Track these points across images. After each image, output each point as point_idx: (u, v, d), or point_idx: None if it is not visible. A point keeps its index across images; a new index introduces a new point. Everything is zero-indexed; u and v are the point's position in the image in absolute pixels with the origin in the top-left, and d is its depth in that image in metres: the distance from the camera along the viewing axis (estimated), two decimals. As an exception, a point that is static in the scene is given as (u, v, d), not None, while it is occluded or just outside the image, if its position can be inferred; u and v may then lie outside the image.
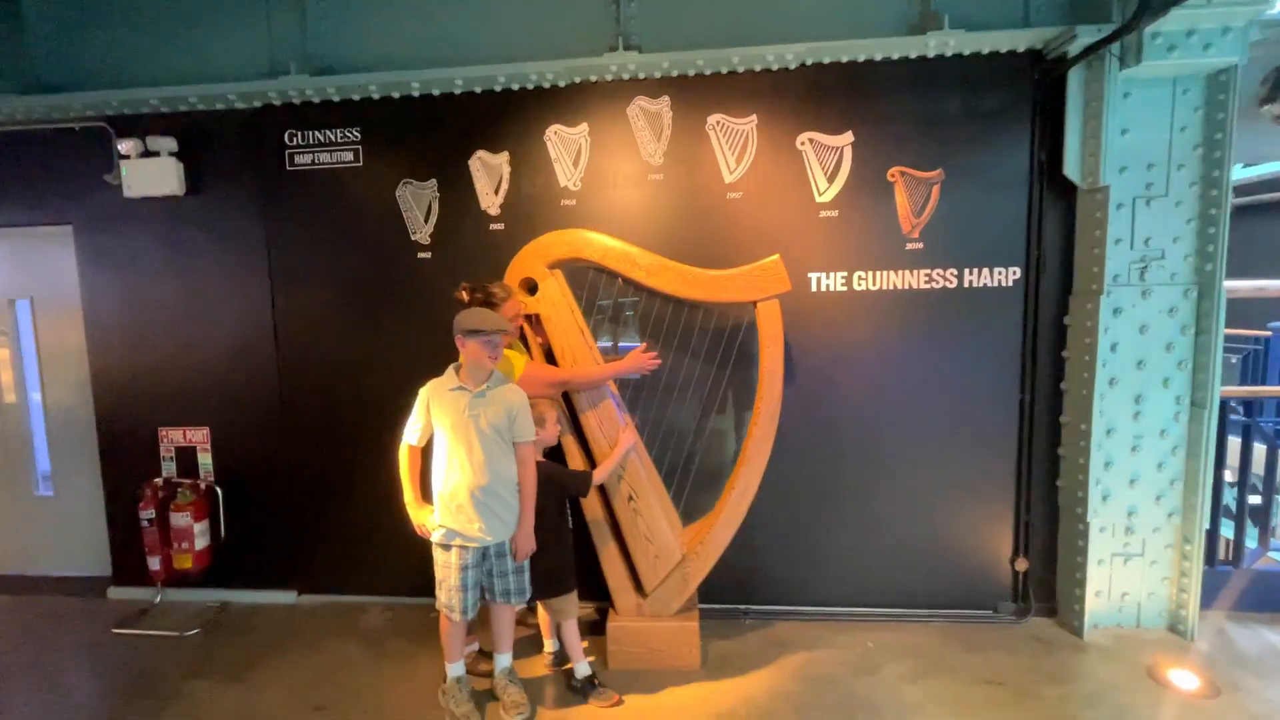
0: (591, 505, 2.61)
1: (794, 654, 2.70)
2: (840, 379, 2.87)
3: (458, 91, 2.86)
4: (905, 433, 2.87)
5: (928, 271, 2.77)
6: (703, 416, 2.82)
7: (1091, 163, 2.52)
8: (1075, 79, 2.53)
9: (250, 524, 3.23)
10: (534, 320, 2.64)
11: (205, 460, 3.25)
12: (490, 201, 2.92)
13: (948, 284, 2.77)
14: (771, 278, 2.44)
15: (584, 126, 2.84)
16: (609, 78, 2.78)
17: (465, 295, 2.35)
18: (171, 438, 3.24)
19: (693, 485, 2.75)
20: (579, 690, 2.40)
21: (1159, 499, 2.68)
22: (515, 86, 2.83)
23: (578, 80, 2.80)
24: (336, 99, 2.91)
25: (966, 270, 2.76)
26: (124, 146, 2.98)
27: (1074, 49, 2.45)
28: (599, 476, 2.46)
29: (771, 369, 2.50)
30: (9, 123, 3.08)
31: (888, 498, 2.91)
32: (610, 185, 2.86)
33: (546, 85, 2.81)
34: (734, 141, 2.79)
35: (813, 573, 2.99)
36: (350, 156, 2.97)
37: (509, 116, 2.87)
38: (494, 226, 2.92)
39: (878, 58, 2.66)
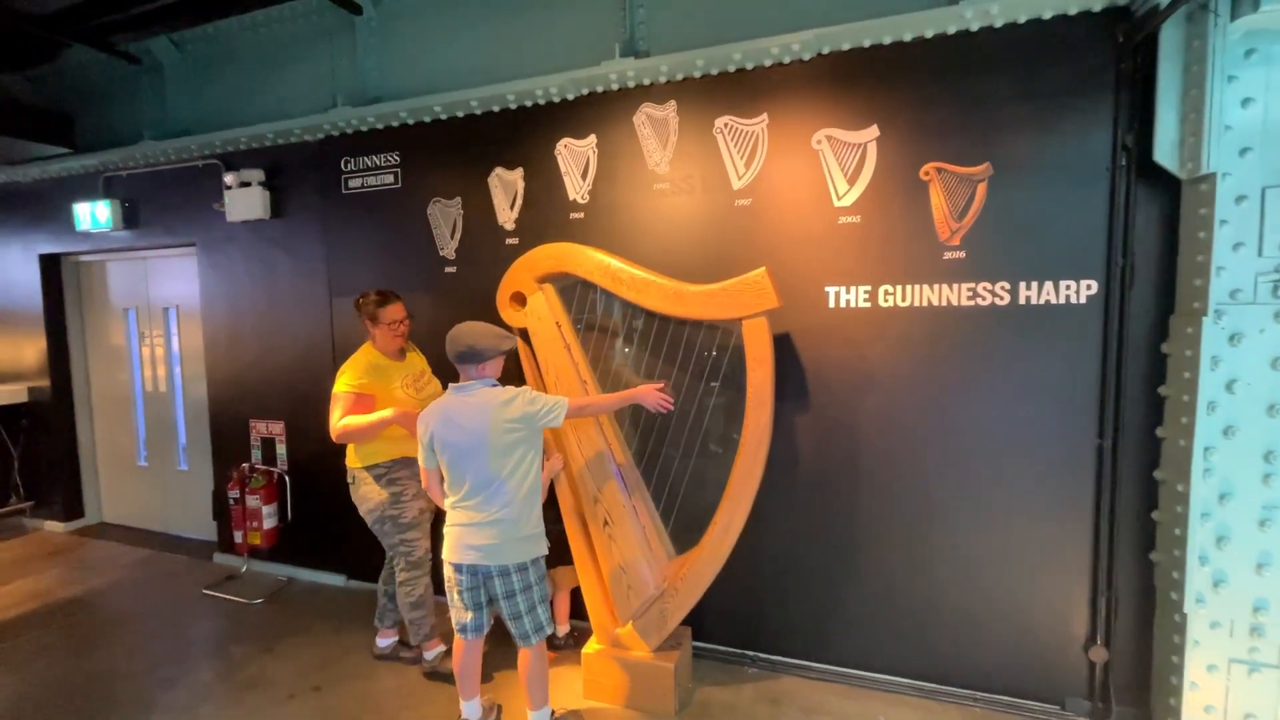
0: (571, 521, 2.53)
1: (788, 713, 2.39)
2: (862, 409, 2.50)
3: (478, 112, 2.97)
4: (942, 476, 2.42)
5: (971, 285, 2.32)
6: (705, 441, 2.62)
7: (1193, 144, 1.94)
8: (1170, 38, 1.96)
9: (312, 510, 3.61)
10: (527, 336, 2.63)
11: (281, 450, 3.69)
12: (506, 216, 2.98)
13: (998, 300, 2.30)
14: (756, 292, 2.19)
15: (592, 138, 2.80)
16: (614, 87, 2.70)
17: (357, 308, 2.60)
18: (258, 429, 3.73)
19: (694, 515, 2.55)
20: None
21: (1303, 594, 1.97)
22: (528, 103, 2.86)
23: (585, 92, 2.76)
24: (380, 126, 3.17)
25: (1022, 284, 2.26)
26: (228, 179, 3.51)
27: None
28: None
29: (758, 394, 2.24)
30: (153, 163, 3.78)
31: (920, 551, 2.47)
32: (615, 196, 2.78)
33: (556, 100, 2.81)
34: (742, 144, 2.57)
35: (830, 626, 2.62)
36: (391, 179, 3.21)
37: (523, 133, 2.91)
38: (509, 241, 2.98)
39: (907, 38, 2.29)
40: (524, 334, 2.63)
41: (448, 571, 2.11)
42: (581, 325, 2.66)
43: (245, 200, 3.48)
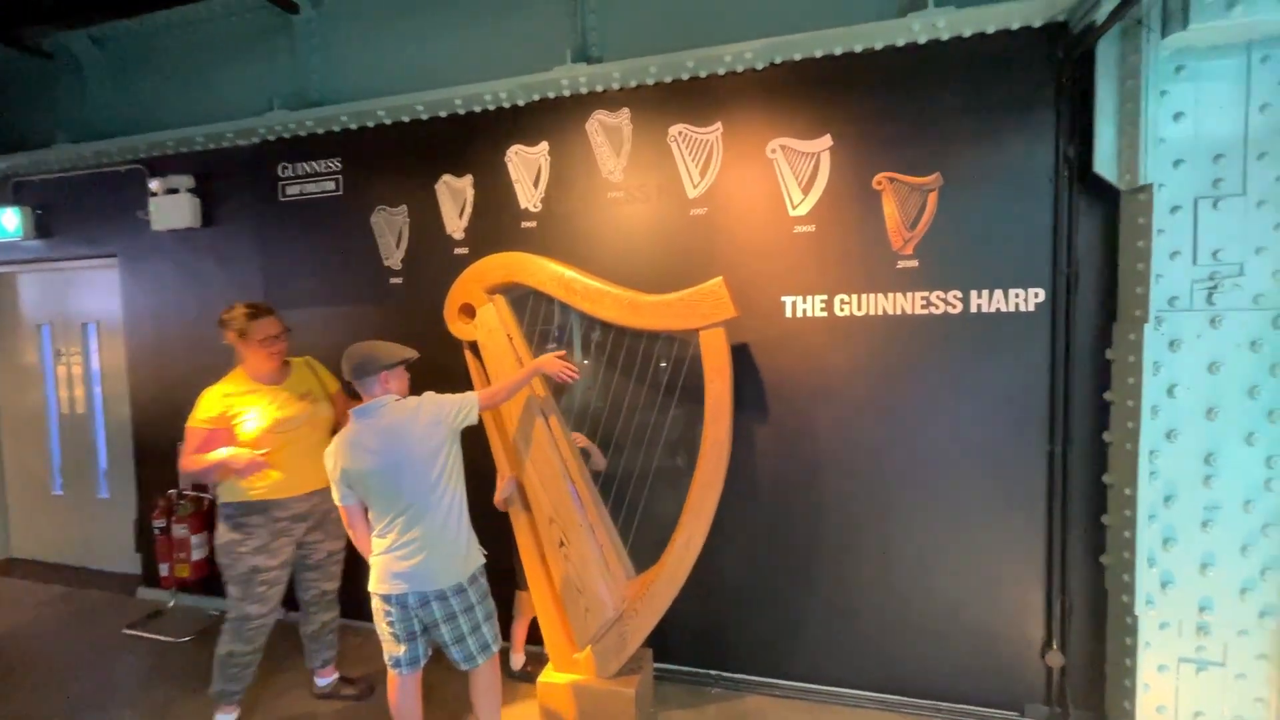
0: (525, 543, 2.42)
1: (752, 737, 2.32)
2: (820, 419, 2.48)
3: (424, 117, 2.85)
4: (899, 486, 2.42)
5: (924, 294, 2.33)
6: (664, 454, 2.55)
7: (1130, 156, 2.00)
8: (1106, 53, 2.02)
9: (247, 538, 3.36)
10: (477, 350, 2.52)
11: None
12: (455, 226, 2.87)
13: (950, 309, 2.31)
14: (713, 302, 2.14)
15: (543, 145, 2.72)
16: (566, 93, 2.64)
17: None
18: (187, 452, 3.47)
19: (654, 531, 2.47)
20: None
21: (1244, 593, 2.02)
22: (477, 109, 2.77)
23: (536, 98, 2.69)
24: (320, 131, 3.02)
25: (974, 292, 2.29)
26: (153, 185, 3.28)
27: (1100, 15, 1.96)
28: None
29: (717, 405, 2.19)
30: (69, 168, 3.51)
31: (881, 561, 2.46)
32: (569, 205, 2.70)
33: (506, 105, 2.73)
34: (697, 153, 2.53)
35: (793, 641, 2.58)
36: (332, 186, 3.06)
37: (472, 139, 2.82)
38: (458, 251, 2.86)
39: (857, 49, 2.31)
40: (474, 347, 2.51)
41: (376, 603, 1.97)
42: (535, 337, 2.56)
43: (172, 208, 3.25)
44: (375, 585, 1.96)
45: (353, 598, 2.52)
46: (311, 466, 2.29)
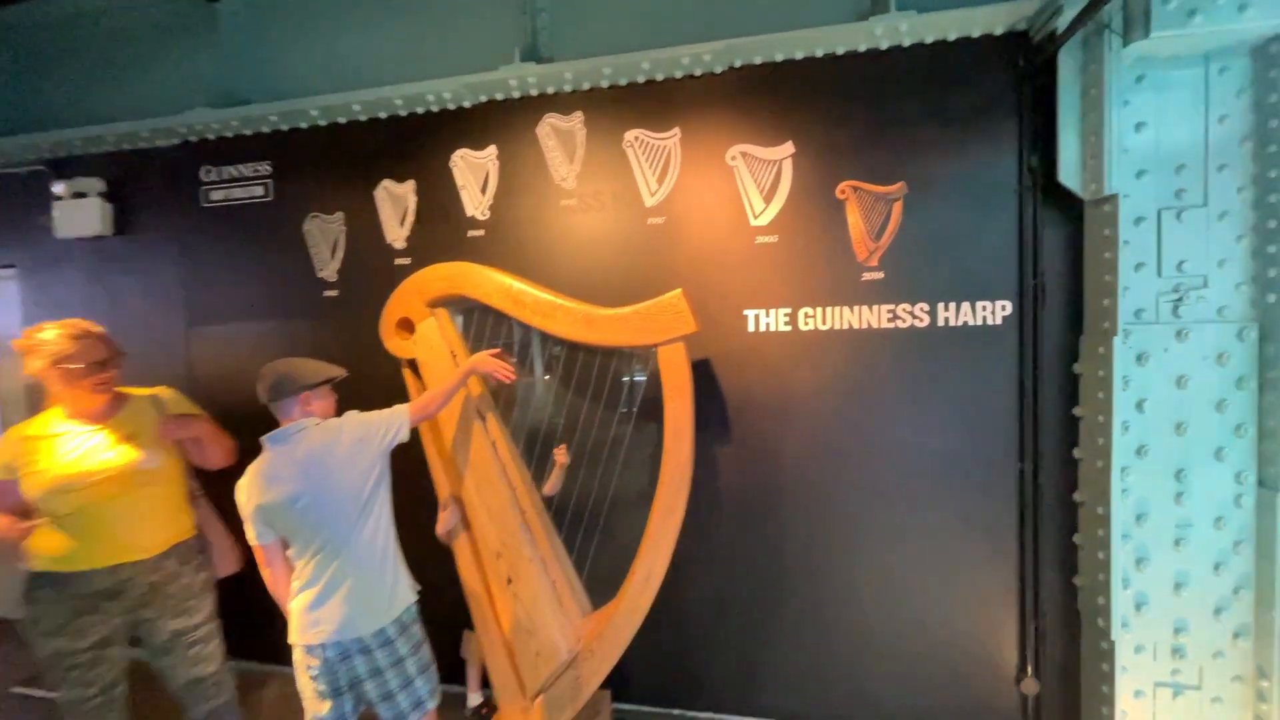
0: (470, 579, 2.21)
1: (718, 786, 2.15)
2: (785, 437, 2.35)
3: (362, 118, 2.65)
4: (868, 508, 2.31)
5: (890, 307, 2.24)
6: (622, 479, 2.37)
7: (1094, 166, 1.95)
8: (1068, 62, 1.98)
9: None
10: (416, 368, 2.31)
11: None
12: (396, 234, 2.66)
13: (917, 322, 2.23)
14: (672, 316, 2.00)
15: (491, 150, 2.55)
16: (515, 95, 2.48)
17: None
18: (94, 483, 3.12)
19: (613, 561, 2.29)
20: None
21: (1219, 613, 1.96)
22: (420, 110, 2.58)
23: (483, 99, 2.52)
24: (248, 132, 2.78)
25: (940, 305, 2.21)
26: (58, 189, 2.96)
27: (1062, 22, 1.92)
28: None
29: (677, 426, 2.04)
30: (-39, 169, 3.16)
31: (849, 587, 2.33)
32: (519, 213, 2.53)
33: (451, 107, 2.55)
34: (654, 159, 2.40)
35: (760, 675, 2.42)
36: (261, 191, 2.81)
37: (414, 142, 2.62)
38: (399, 261, 2.65)
39: (818, 54, 2.23)
40: (413, 365, 2.30)
41: (297, 654, 1.73)
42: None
43: (80, 214, 2.95)
44: (293, 635, 1.73)
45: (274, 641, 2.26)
46: (129, 531, 1.87)
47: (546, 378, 2.47)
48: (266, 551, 1.80)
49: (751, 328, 2.35)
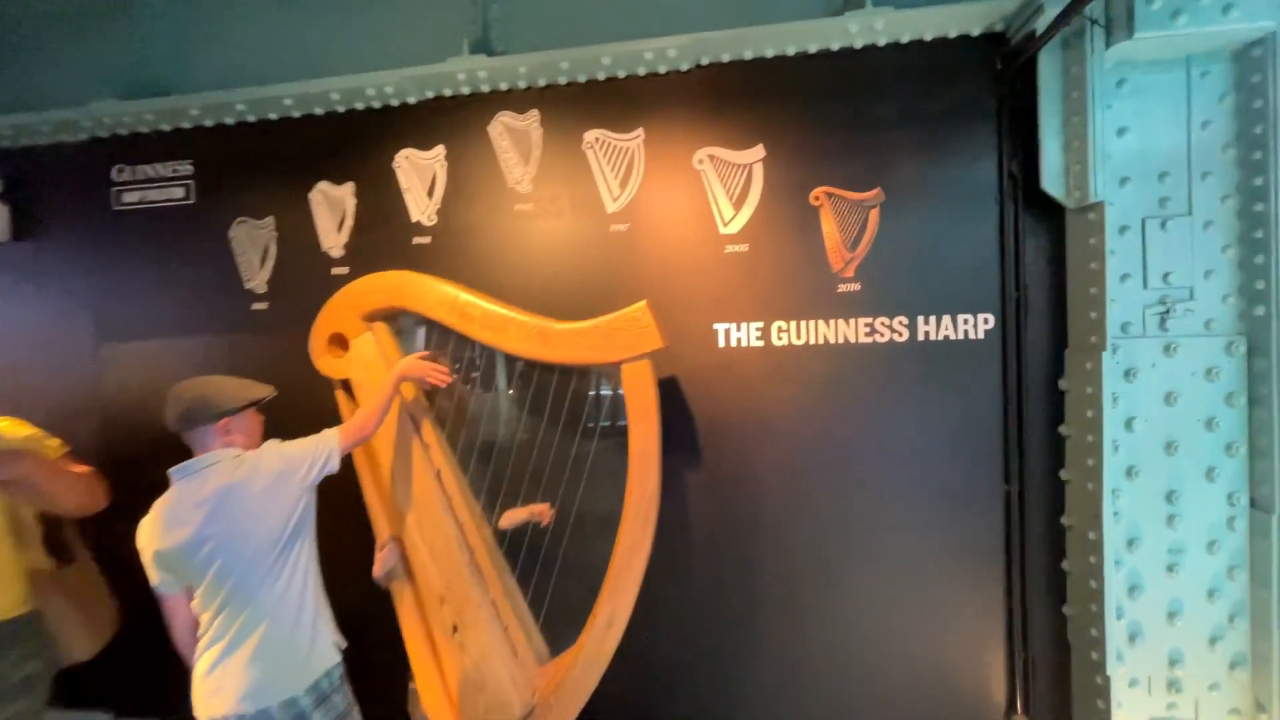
0: (411, 628, 1.96)
1: None
2: (759, 461, 2.19)
3: (296, 114, 2.41)
4: (847, 533, 2.15)
5: (869, 321, 2.11)
6: (583, 511, 2.16)
7: (1079, 172, 1.86)
8: (1049, 63, 1.89)
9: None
10: (350, 389, 2.07)
11: (19, 548, 2.73)
12: (333, 241, 2.42)
13: (896, 336, 2.10)
14: (636, 331, 1.82)
15: (439, 150, 2.34)
16: (464, 90, 2.29)
17: None
18: (-15, 521, 2.75)
19: (574, 600, 2.07)
20: None
21: (1214, 642, 1.86)
22: (359, 105, 2.36)
23: (429, 95, 2.32)
24: (167, 128, 2.50)
25: (920, 318, 2.08)
26: (-53, 188, 2.63)
27: (1042, 23, 1.83)
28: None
29: (642, 453, 1.85)
30: None
31: (829, 621, 2.17)
32: (469, 218, 2.32)
33: (394, 102, 2.34)
34: (617, 162, 2.23)
35: (733, 712, 2.23)
36: (181, 193, 2.53)
37: (354, 141, 2.40)
38: (336, 271, 2.41)
39: (790, 52, 2.10)
40: (347, 386, 2.06)
41: None
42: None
43: (-30, 216, 2.62)
44: (204, 708, 1.47)
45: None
46: None
47: (501, 393, 2.25)
48: (169, 603, 1.55)
49: (722, 343, 2.19)
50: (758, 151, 2.15)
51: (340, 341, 2.05)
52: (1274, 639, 1.78)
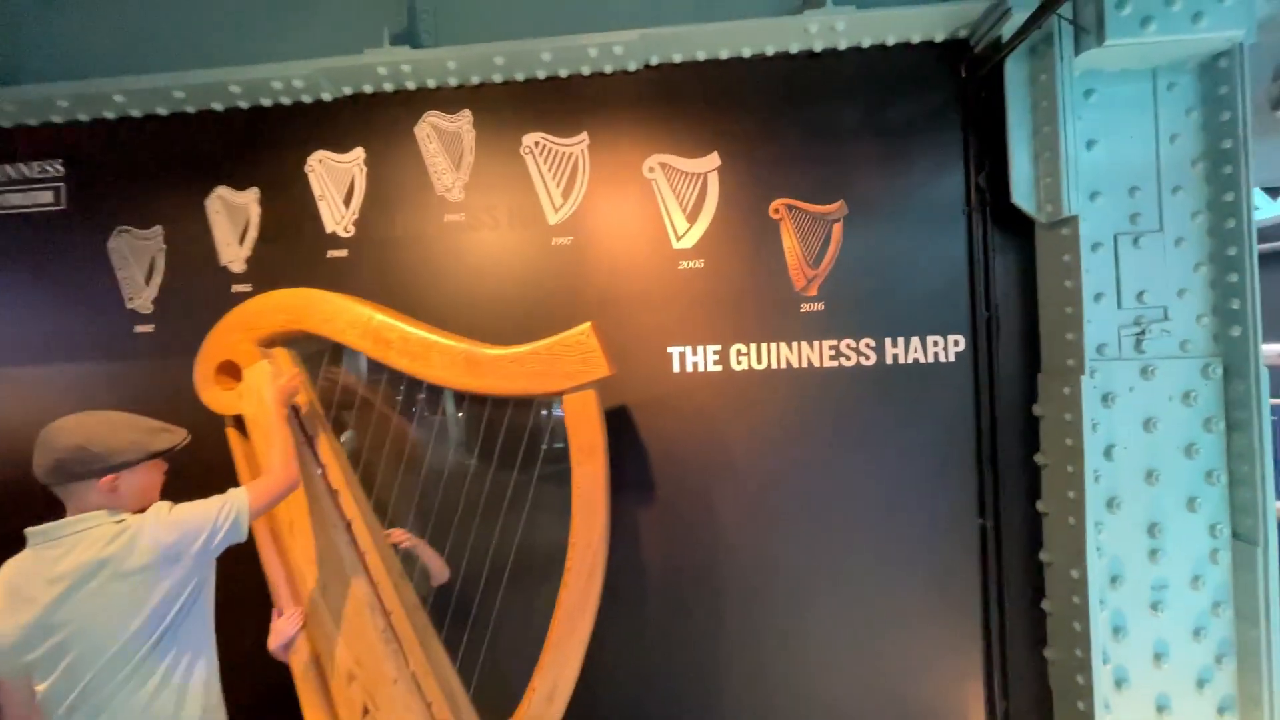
0: (312, 709, 1.65)
1: None
2: (718, 496, 1.98)
3: (190, 110, 2.11)
4: (815, 574, 1.96)
5: (834, 343, 1.94)
6: (525, 561, 1.90)
7: (1050, 185, 1.75)
8: (1016, 71, 1.79)
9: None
10: (243, 426, 1.76)
11: None
12: (234, 254, 2.11)
13: (863, 359, 1.94)
14: (579, 356, 1.59)
15: (358, 153, 2.08)
16: (387, 87, 2.04)
17: None
18: None
19: (514, 663, 1.80)
20: None
21: (1202, 685, 1.74)
22: (265, 101, 2.08)
23: (347, 92, 2.06)
24: (33, 122, 2.15)
25: (888, 340, 1.93)
26: None
27: (1008, 29, 1.73)
28: None
29: (587, 497, 1.61)
30: None
31: (796, 669, 1.96)
32: (392, 230, 2.07)
33: (306, 99, 2.07)
34: (559, 169, 2.02)
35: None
36: (49, 197, 2.18)
37: (259, 141, 2.11)
38: (237, 288, 2.10)
39: (746, 53, 1.94)
40: (239, 423, 1.76)
41: None
42: (333, 408, 1.86)
43: None
44: None
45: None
46: None
47: (428, 425, 1.97)
48: (5, 698, 1.22)
49: (677, 368, 1.98)
50: (713, 160, 1.98)
51: (232, 370, 1.74)
52: (1263, 681, 1.68)
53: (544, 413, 1.94)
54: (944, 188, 1.93)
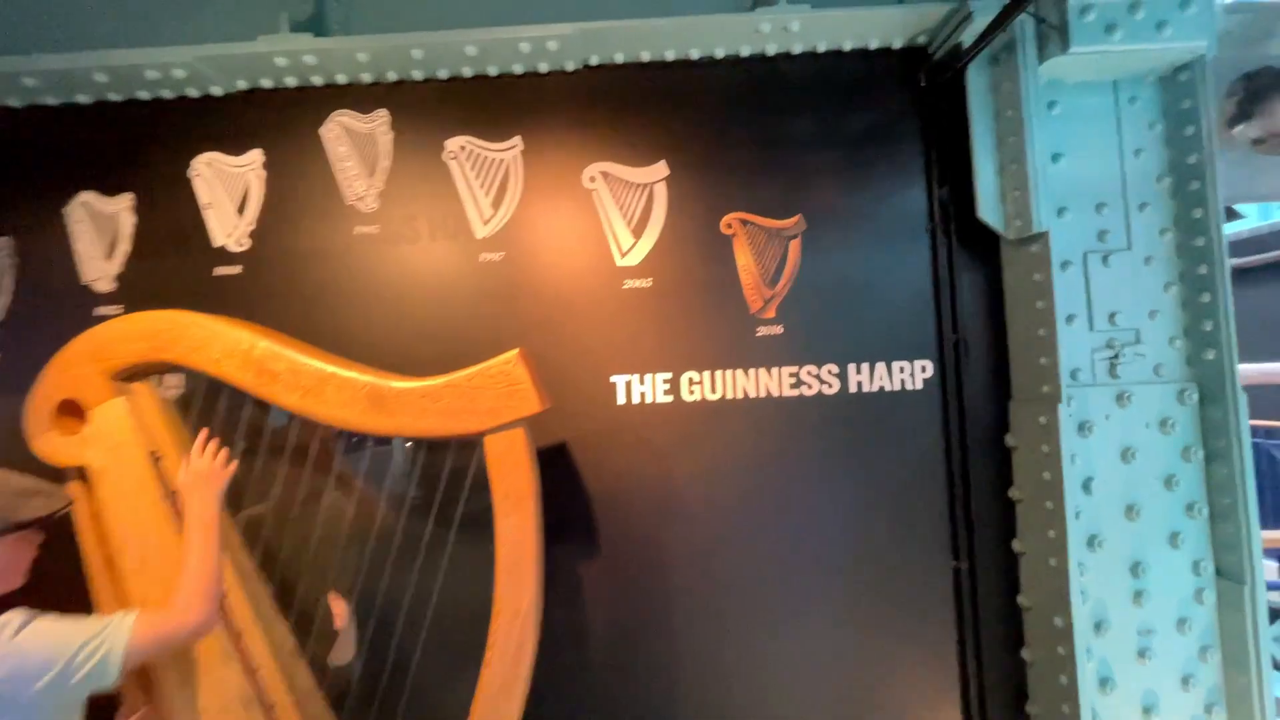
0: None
1: None
2: (670, 543, 1.76)
3: (49, 101, 1.80)
4: (780, 627, 1.76)
5: (794, 370, 1.77)
6: (441, 634, 1.62)
7: (1018, 198, 1.63)
8: (978, 79, 1.69)
9: None
10: (87, 478, 1.44)
11: None
12: (100, 270, 1.80)
13: (826, 388, 1.77)
14: (503, 389, 1.36)
15: (255, 155, 1.81)
16: (289, 81, 1.79)
17: None
18: None
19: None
20: None
21: (1193, 739, 1.61)
22: (143, 94, 1.79)
23: (243, 85, 1.80)
24: None
25: (851, 366, 1.77)
26: None
27: (969, 35, 1.62)
28: None
29: (514, 556, 1.36)
30: None
31: (762, 746, 1.74)
32: (294, 243, 1.80)
33: (193, 93, 1.80)
34: (488, 177, 1.80)
35: None
36: None
37: (133, 139, 1.82)
38: (104, 310, 1.78)
39: (694, 55, 1.78)
40: (84, 476, 1.43)
41: None
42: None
43: None
44: None
45: None
46: None
47: (329, 468, 1.69)
48: None
49: (622, 399, 1.77)
50: (660, 169, 1.80)
51: (74, 411, 1.43)
52: (1256, 733, 1.55)
53: (438, 485, 1.68)
54: (905, 203, 1.80)
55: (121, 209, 1.80)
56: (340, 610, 1.52)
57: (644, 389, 1.77)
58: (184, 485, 1.31)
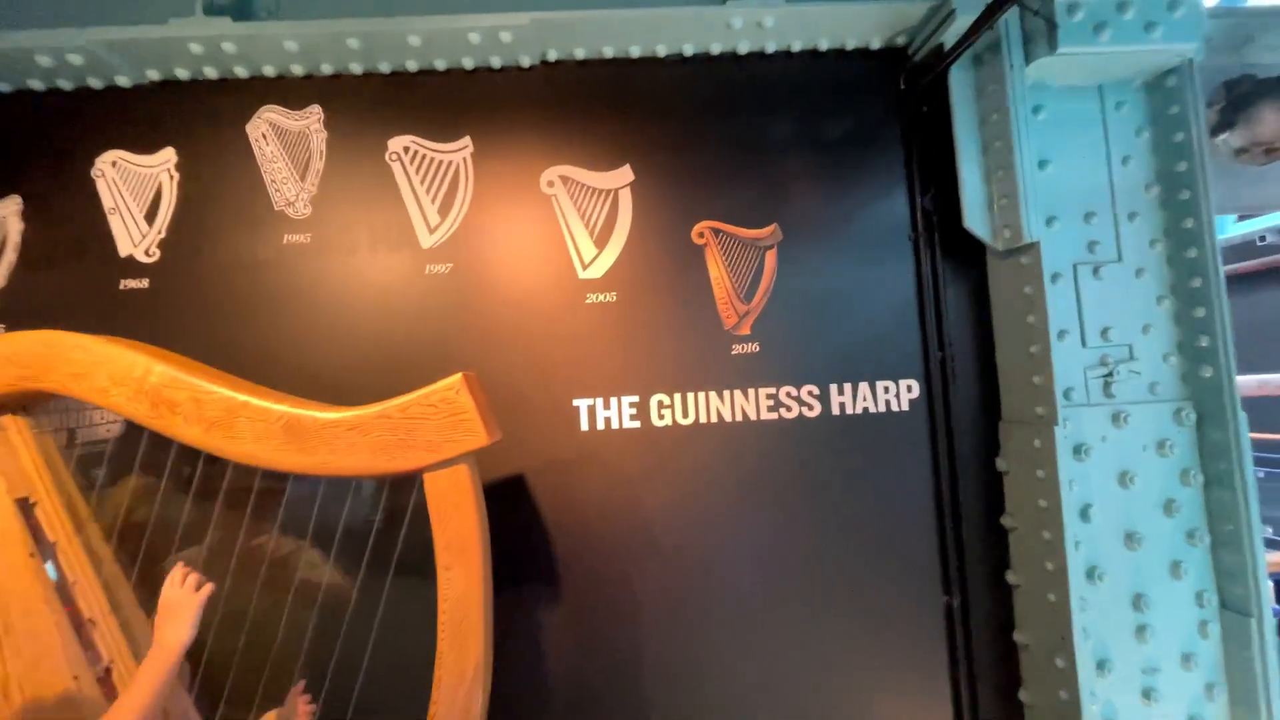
0: None
1: None
2: (641, 585, 1.59)
3: (-76, 91, 1.57)
4: (762, 672, 1.59)
5: (772, 390, 1.63)
6: (379, 700, 1.41)
7: (1006, 207, 1.53)
8: (961, 82, 1.59)
9: None
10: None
11: None
12: (-18, 284, 1.56)
13: (806, 410, 1.63)
14: (445, 419, 1.18)
15: (168, 154, 1.61)
16: (208, 72, 1.59)
17: None
18: None
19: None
20: None
21: (1202, 786, 1.49)
22: (34, 84, 1.58)
23: (154, 76, 1.59)
24: None
25: (833, 387, 1.64)
26: None
27: (952, 35, 1.52)
28: None
29: (459, 615, 1.18)
30: None
31: (743, 810, 1.57)
32: (214, 253, 1.59)
33: (94, 83, 1.59)
34: (435, 180, 1.63)
35: None
36: None
37: (25, 136, 1.60)
38: (-15, 330, 1.54)
39: (660, 53, 1.65)
40: (-63, 528, 1.20)
41: None
42: (102, 501, 1.33)
43: None
44: None
45: None
46: None
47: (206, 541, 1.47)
48: None
49: (585, 424, 1.60)
50: (624, 174, 1.66)
51: (-72, 450, 1.20)
52: (1269, 776, 1.44)
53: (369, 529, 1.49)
54: (887, 211, 1.69)
55: (9, 214, 1.58)
56: (305, 711, 1.30)
57: (609, 413, 1.61)
58: (158, 611, 1.10)
